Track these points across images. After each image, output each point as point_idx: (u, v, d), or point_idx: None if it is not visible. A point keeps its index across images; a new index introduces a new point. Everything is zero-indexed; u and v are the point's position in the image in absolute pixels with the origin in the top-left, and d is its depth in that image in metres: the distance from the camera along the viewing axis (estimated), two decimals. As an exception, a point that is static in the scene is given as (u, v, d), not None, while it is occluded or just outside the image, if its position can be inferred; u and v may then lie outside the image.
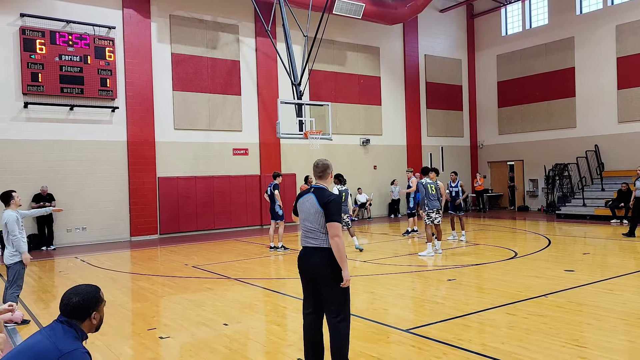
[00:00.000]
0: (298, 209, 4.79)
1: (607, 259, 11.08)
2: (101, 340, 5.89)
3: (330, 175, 4.83)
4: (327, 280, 4.48)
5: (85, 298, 2.86)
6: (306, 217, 4.62)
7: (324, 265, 4.48)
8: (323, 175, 4.82)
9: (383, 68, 22.94)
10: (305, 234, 4.63)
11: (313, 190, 4.68)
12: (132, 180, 16.77)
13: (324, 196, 4.57)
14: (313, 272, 4.55)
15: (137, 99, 16.88)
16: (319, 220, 4.53)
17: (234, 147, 18.89)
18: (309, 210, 4.59)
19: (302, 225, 4.69)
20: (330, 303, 4.51)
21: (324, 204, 4.51)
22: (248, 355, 5.51)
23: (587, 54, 21.48)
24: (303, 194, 4.75)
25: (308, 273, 4.61)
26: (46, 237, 15.16)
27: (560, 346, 5.31)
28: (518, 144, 24.16)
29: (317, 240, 4.55)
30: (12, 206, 7.01)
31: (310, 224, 4.58)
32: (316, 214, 4.53)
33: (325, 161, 4.86)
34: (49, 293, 9.14)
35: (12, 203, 7.02)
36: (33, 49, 14.97)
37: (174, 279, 9.96)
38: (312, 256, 4.55)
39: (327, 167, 4.83)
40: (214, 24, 18.58)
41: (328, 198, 4.54)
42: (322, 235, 4.53)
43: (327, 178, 4.82)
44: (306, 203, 4.65)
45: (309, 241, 4.59)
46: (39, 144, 15.28)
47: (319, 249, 4.53)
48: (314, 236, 4.57)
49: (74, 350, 2.67)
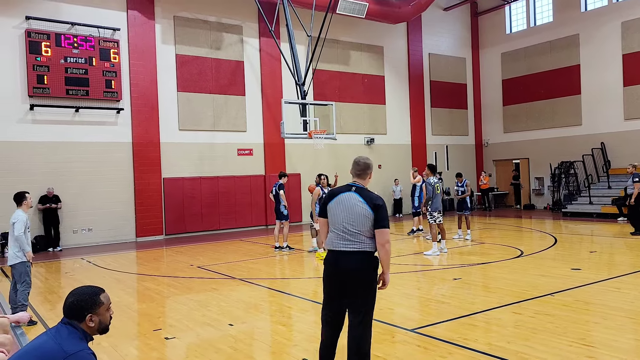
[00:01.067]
0: (331, 210, 4.32)
1: (614, 257, 11.02)
2: (107, 341, 5.90)
3: (370, 176, 4.42)
4: (364, 284, 4.20)
5: (79, 299, 2.83)
6: (346, 219, 4.20)
7: (364, 269, 4.18)
8: (362, 175, 4.40)
9: (387, 67, 22.90)
10: (342, 236, 4.21)
11: (355, 189, 4.28)
12: (137, 181, 16.82)
13: (373, 199, 4.21)
14: (348, 277, 4.19)
15: (142, 100, 16.92)
16: (364, 223, 4.16)
17: (238, 148, 18.91)
18: (352, 211, 4.19)
19: (337, 227, 4.25)
20: (360, 307, 4.24)
21: (375, 208, 4.15)
22: (253, 356, 5.52)
23: (593, 51, 21.37)
24: (338, 193, 4.32)
25: (341, 277, 4.22)
26: (52, 238, 15.22)
27: (567, 345, 5.28)
28: (523, 142, 24.07)
29: (356, 244, 4.18)
30: (23, 207, 7.07)
31: (353, 226, 4.17)
32: (362, 216, 4.16)
33: (366, 159, 4.44)
34: (55, 294, 9.17)
35: (24, 204, 7.08)
36: (38, 51, 15.03)
37: (180, 279, 9.98)
38: (349, 260, 4.18)
39: (368, 166, 4.41)
40: (218, 25, 18.60)
41: (378, 202, 4.20)
42: (365, 239, 4.17)
43: (366, 178, 4.40)
44: (346, 203, 4.23)
45: (346, 244, 4.19)
46: (44, 146, 15.34)
47: (359, 252, 4.18)
48: (354, 239, 4.18)
49: (79, 351, 2.67)
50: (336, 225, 4.27)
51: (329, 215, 4.34)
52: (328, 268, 4.34)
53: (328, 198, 4.39)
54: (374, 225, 4.16)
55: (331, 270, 4.30)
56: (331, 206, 4.34)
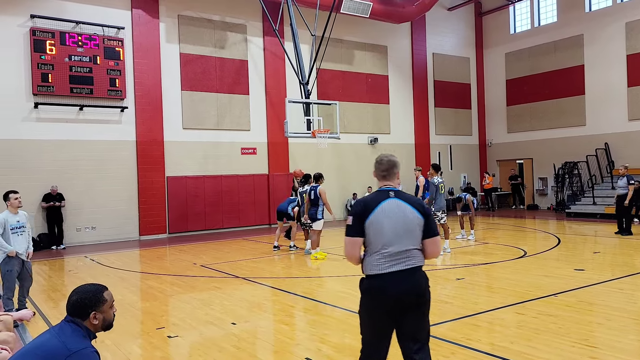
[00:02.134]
0: (373, 225, 3.49)
1: (617, 257, 10.99)
2: (110, 339, 5.92)
3: (398, 176, 3.76)
4: (427, 305, 3.61)
5: (83, 297, 2.85)
6: (397, 232, 3.48)
7: (425, 287, 3.59)
8: (389, 175, 3.72)
9: (391, 67, 22.88)
10: (393, 253, 3.47)
11: (395, 194, 3.59)
12: (141, 179, 16.86)
13: (419, 203, 3.63)
14: (408, 301, 3.49)
15: (146, 99, 16.96)
16: (416, 234, 3.54)
17: (242, 147, 18.93)
18: (403, 221, 3.50)
19: (384, 244, 3.47)
20: (421, 332, 3.58)
21: (426, 213, 3.57)
22: (256, 355, 5.52)
23: (597, 51, 21.31)
24: (376, 203, 3.53)
25: (398, 304, 3.47)
26: (56, 236, 15.27)
27: (570, 346, 5.27)
28: (527, 142, 24.02)
29: (411, 260, 3.53)
30: (9, 207, 6.97)
31: (406, 239, 3.50)
32: (415, 225, 3.52)
33: (390, 157, 3.77)
34: (58, 292, 9.20)
35: (8, 204, 6.97)
36: (43, 49, 15.08)
37: (183, 278, 10.00)
38: (406, 280, 3.48)
39: (394, 164, 3.73)
40: (222, 24, 18.62)
41: (425, 205, 3.64)
42: (418, 252, 3.58)
43: (395, 178, 3.73)
44: (393, 213, 3.51)
45: (400, 262, 3.49)
46: (49, 144, 15.39)
47: (416, 269, 3.55)
48: (409, 255, 3.52)
49: (83, 349, 2.68)
50: (383, 242, 3.48)
51: (370, 232, 3.50)
52: (376, 298, 3.49)
53: (363, 211, 3.52)
54: (425, 235, 3.57)
55: (382, 299, 3.47)
56: (373, 220, 3.50)
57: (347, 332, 6.07)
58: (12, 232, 6.89)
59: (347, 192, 21.05)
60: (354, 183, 21.20)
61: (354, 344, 5.64)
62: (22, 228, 7.03)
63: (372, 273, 3.51)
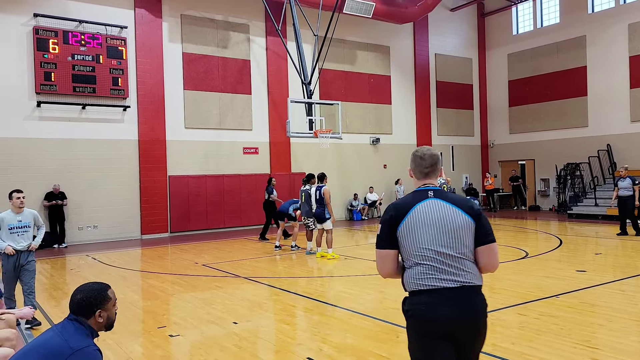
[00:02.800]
0: (407, 232, 2.86)
1: (619, 259, 10.98)
2: (112, 338, 5.93)
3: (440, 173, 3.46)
4: (483, 332, 2.85)
5: (88, 295, 2.86)
6: (438, 239, 2.81)
7: (481, 310, 2.82)
8: (432, 173, 3.04)
9: (393, 67, 22.88)
10: (435, 267, 2.79)
11: (435, 193, 2.93)
12: (143, 178, 16.88)
13: (467, 203, 2.93)
14: (459, 329, 2.75)
15: (149, 98, 16.98)
16: (466, 241, 2.83)
17: (244, 146, 18.94)
18: (446, 225, 2.83)
19: (422, 256, 2.81)
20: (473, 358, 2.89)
21: (477, 215, 2.87)
22: (258, 354, 5.53)
23: (599, 52, 21.28)
24: (411, 205, 2.90)
25: (448, 329, 2.74)
26: (58, 235, 15.29)
27: (571, 347, 5.27)
28: (529, 143, 24.00)
29: (462, 274, 2.79)
30: (10, 207, 6.81)
31: (451, 248, 2.81)
32: (463, 230, 2.83)
33: (433, 151, 3.11)
34: (60, 290, 9.22)
35: (10, 204, 6.81)
36: (46, 48, 15.10)
37: (184, 277, 10.01)
38: (456, 300, 2.75)
39: (438, 159, 3.10)
40: (225, 24, 18.64)
41: (476, 206, 2.94)
42: (471, 265, 2.84)
43: (437, 176, 3.09)
44: (433, 216, 2.85)
45: (446, 278, 2.77)
46: (51, 143, 15.41)
47: (468, 287, 2.78)
48: (457, 268, 2.79)
49: (85, 347, 2.69)
50: (421, 253, 2.83)
51: (405, 241, 2.86)
52: (423, 321, 2.78)
53: (393, 218, 2.90)
54: (477, 241, 2.86)
55: (429, 324, 2.77)
56: (407, 227, 2.86)
57: (348, 332, 6.08)
58: (10, 231, 6.68)
59: (348, 192, 21.05)
60: (355, 183, 21.21)
61: (355, 344, 5.65)
62: (24, 228, 6.79)
63: (413, 289, 2.84)
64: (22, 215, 6.82)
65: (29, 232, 6.87)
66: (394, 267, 2.94)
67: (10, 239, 6.70)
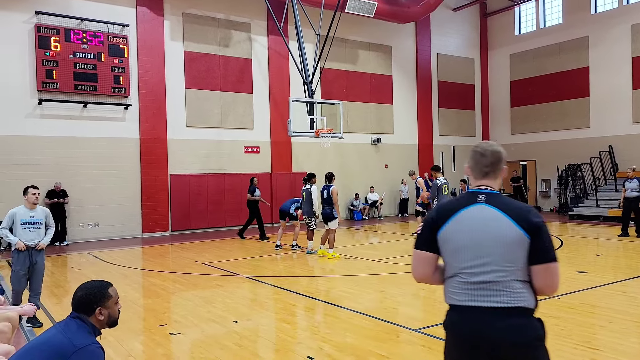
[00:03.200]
0: (447, 239, 2.55)
1: (620, 260, 10.97)
2: (112, 335, 5.93)
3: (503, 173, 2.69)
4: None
5: (88, 293, 2.86)
6: (481, 251, 2.46)
7: (526, 342, 2.38)
8: (492, 173, 2.64)
9: (395, 67, 22.87)
10: (474, 283, 2.47)
11: (486, 198, 2.54)
12: (144, 177, 16.89)
13: (525, 212, 2.46)
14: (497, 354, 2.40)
15: (150, 97, 16.99)
16: (513, 257, 2.42)
17: (245, 145, 18.94)
18: (491, 236, 2.46)
19: (463, 268, 2.50)
20: None
21: (533, 229, 2.40)
22: (258, 353, 5.53)
23: (602, 53, 21.25)
24: (456, 209, 2.56)
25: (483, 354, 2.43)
26: (59, 232, 15.28)
27: (572, 348, 5.27)
28: (531, 143, 23.97)
29: (505, 295, 2.41)
30: (24, 202, 6.82)
31: (496, 263, 2.43)
32: (512, 244, 2.41)
33: (497, 147, 2.67)
34: (61, 288, 9.24)
35: (25, 199, 6.82)
36: (48, 46, 15.11)
37: (185, 275, 10.02)
38: (495, 324, 2.40)
39: (500, 158, 2.66)
40: (227, 22, 18.64)
41: (535, 217, 2.44)
42: (518, 284, 2.42)
43: (499, 178, 2.66)
44: (478, 224, 2.50)
45: (486, 297, 2.44)
46: (53, 141, 15.42)
47: (512, 310, 2.40)
48: (500, 286, 2.42)
49: (88, 345, 2.70)
50: (458, 265, 2.53)
51: (445, 248, 2.57)
52: (457, 339, 2.56)
53: (435, 219, 2.60)
54: (532, 259, 2.41)
55: (461, 343, 2.53)
56: (448, 233, 2.55)
57: (348, 332, 6.08)
58: (22, 227, 6.70)
59: (349, 192, 21.05)
60: (356, 183, 21.20)
61: (355, 343, 5.65)
62: (36, 224, 6.81)
63: (448, 302, 2.60)
64: (35, 212, 6.84)
65: (40, 228, 6.86)
66: (429, 272, 2.63)
67: (22, 234, 6.71)
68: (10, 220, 6.72)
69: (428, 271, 2.63)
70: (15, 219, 6.72)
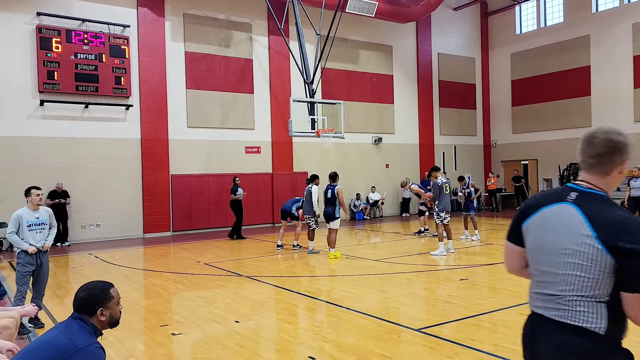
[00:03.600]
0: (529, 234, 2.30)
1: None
2: (114, 335, 5.94)
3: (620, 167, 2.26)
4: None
5: (90, 293, 2.87)
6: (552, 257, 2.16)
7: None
8: (598, 165, 2.21)
9: (396, 66, 22.86)
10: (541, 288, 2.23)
11: (576, 198, 2.15)
12: (145, 177, 16.90)
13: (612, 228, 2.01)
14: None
15: (151, 97, 17.00)
16: (588, 271, 2.04)
17: (246, 145, 18.95)
18: (562, 242, 2.12)
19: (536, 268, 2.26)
20: None
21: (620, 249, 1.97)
22: (259, 353, 5.53)
23: (603, 52, 21.23)
24: (541, 204, 2.25)
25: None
26: (61, 233, 15.29)
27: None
28: (532, 143, 23.96)
29: (563, 309, 2.11)
30: (28, 203, 6.77)
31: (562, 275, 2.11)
32: (584, 257, 2.05)
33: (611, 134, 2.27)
34: (63, 288, 9.25)
35: (28, 200, 6.77)
36: (49, 47, 15.13)
37: (186, 275, 10.03)
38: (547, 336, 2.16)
39: (614, 146, 2.24)
40: (227, 23, 18.64)
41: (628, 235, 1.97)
42: (584, 302, 2.06)
43: (609, 172, 2.21)
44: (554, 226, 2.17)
45: (544, 305, 2.19)
46: (54, 141, 15.44)
47: (566, 326, 2.10)
48: (560, 298, 2.12)
49: (89, 345, 2.70)
50: (533, 266, 2.29)
51: (528, 242, 2.31)
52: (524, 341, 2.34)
53: (522, 211, 2.37)
54: (620, 284, 2.02)
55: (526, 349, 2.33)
56: (529, 229, 2.30)
57: (350, 332, 6.08)
58: (29, 229, 6.66)
59: (350, 192, 21.03)
60: (357, 182, 21.19)
61: (357, 343, 5.65)
62: (41, 225, 6.78)
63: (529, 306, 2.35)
64: (39, 213, 6.81)
65: (46, 229, 6.85)
66: (518, 265, 2.42)
67: (30, 237, 6.68)
68: (16, 224, 6.64)
69: (516, 264, 2.43)
70: (21, 221, 6.67)
